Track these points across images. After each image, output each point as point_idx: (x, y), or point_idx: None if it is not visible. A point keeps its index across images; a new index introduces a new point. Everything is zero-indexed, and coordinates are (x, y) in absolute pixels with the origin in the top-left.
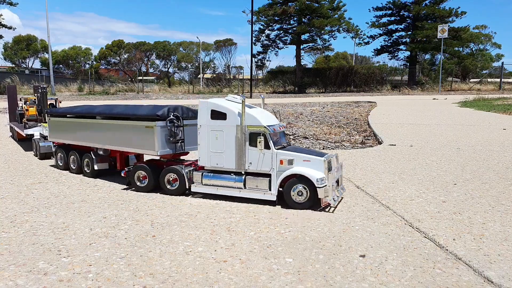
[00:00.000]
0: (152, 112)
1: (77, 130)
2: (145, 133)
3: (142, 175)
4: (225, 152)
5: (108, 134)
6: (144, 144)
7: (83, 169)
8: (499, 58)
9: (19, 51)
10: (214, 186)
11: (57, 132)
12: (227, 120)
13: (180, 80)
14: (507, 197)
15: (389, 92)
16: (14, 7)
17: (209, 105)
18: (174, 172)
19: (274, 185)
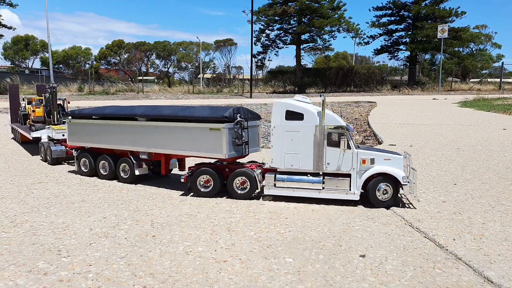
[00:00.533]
0: (219, 114)
1: (111, 133)
2: (210, 136)
3: (205, 179)
4: (301, 153)
5: (157, 137)
6: (209, 146)
7: (118, 175)
8: (500, 58)
9: (18, 51)
10: (288, 188)
11: (80, 135)
12: (304, 120)
13: (180, 80)
14: (507, 197)
15: (389, 92)
16: (14, 8)
17: (284, 106)
18: (244, 175)
19: (355, 185)
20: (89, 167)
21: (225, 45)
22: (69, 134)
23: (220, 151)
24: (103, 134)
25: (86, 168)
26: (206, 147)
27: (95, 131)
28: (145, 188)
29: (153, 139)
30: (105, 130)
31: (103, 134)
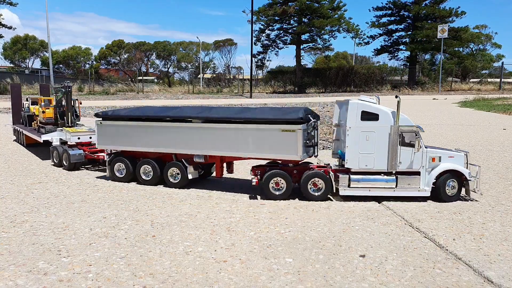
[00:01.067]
0: (293, 115)
1: (157, 136)
2: (282, 137)
3: (275, 182)
4: (375, 153)
5: (216, 139)
6: (280, 148)
7: (166, 180)
8: (500, 59)
9: (17, 51)
10: (363, 188)
11: (115, 138)
12: (379, 121)
13: (180, 80)
14: (507, 197)
15: (389, 92)
16: (14, 7)
17: (360, 106)
18: (319, 177)
19: (424, 182)
20: (125, 172)
21: (224, 45)
22: (99, 138)
23: (294, 153)
24: (146, 137)
25: (121, 174)
26: (277, 149)
27: (136, 134)
28: (145, 188)
29: (212, 142)
30: (150, 133)
31: (147, 137)
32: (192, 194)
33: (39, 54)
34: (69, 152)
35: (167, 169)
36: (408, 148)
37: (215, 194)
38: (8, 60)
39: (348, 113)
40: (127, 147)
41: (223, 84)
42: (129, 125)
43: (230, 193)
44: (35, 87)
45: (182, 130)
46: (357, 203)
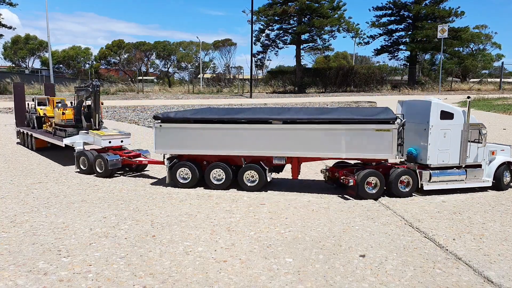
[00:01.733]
0: (389, 116)
1: (231, 138)
2: (375, 137)
3: (371, 181)
4: (450, 149)
5: (299, 141)
6: (373, 148)
7: (241, 183)
8: (500, 58)
9: (17, 50)
10: (441, 182)
11: (179, 142)
12: (454, 119)
13: (180, 80)
14: (507, 197)
15: (389, 92)
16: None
17: (440, 106)
18: (407, 174)
19: (485, 173)
20: (191, 177)
21: (224, 45)
22: (158, 141)
23: (388, 152)
24: (218, 140)
25: (185, 180)
26: (369, 148)
27: (205, 136)
28: (145, 188)
29: (294, 143)
30: (223, 135)
31: (219, 140)
32: (192, 194)
33: (39, 54)
34: (107, 158)
35: (243, 172)
36: (474, 144)
37: (215, 194)
38: (8, 60)
39: (431, 113)
40: (194, 151)
41: (223, 84)
42: (197, 127)
43: (230, 193)
44: (35, 87)
45: (262, 131)
46: (357, 203)
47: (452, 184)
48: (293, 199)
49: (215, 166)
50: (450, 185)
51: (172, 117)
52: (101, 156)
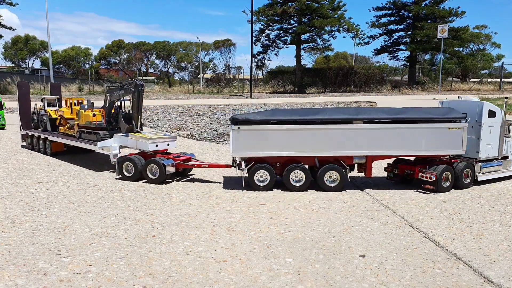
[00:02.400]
0: (459, 115)
1: (311, 139)
2: (448, 135)
3: (445, 175)
4: (493, 143)
5: (378, 139)
6: (445, 145)
7: (321, 184)
8: (500, 58)
9: (18, 51)
10: (487, 173)
11: (258, 144)
12: (496, 117)
13: (180, 80)
14: (507, 197)
15: (389, 92)
16: (13, 7)
17: (487, 106)
18: (469, 168)
19: None
20: (269, 179)
21: (224, 46)
22: (236, 144)
23: (459, 148)
24: (297, 141)
25: (263, 182)
26: (442, 145)
27: (284, 137)
28: (145, 188)
29: (374, 142)
30: (303, 136)
31: (298, 141)
32: (192, 194)
33: (39, 54)
34: (163, 163)
35: (324, 172)
36: (506, 138)
37: (215, 194)
38: (8, 60)
39: (483, 112)
40: (272, 153)
41: (223, 84)
42: (278, 129)
43: (230, 193)
44: (36, 87)
45: (344, 131)
46: (357, 203)
47: (496, 174)
48: (293, 199)
49: (294, 168)
50: (494, 175)
51: (251, 119)
52: (155, 161)
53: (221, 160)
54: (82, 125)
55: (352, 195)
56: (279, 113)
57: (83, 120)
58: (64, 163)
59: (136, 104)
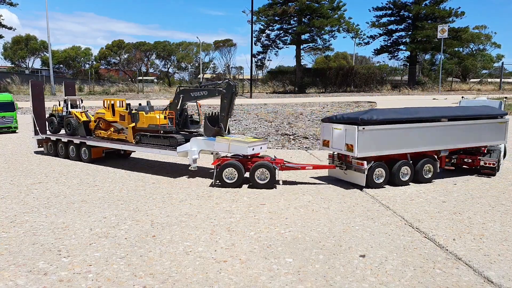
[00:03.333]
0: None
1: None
2: (497, 128)
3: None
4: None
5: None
6: (493, 137)
7: (420, 177)
8: (499, 59)
9: (18, 51)
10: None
11: (379, 143)
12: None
13: (180, 80)
14: (507, 197)
15: (389, 92)
16: (14, 7)
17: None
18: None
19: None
20: (385, 177)
21: (224, 46)
22: (361, 144)
23: (502, 139)
24: (406, 139)
25: (381, 179)
26: (491, 137)
27: (398, 136)
28: (145, 188)
29: (454, 137)
30: (411, 134)
31: (408, 138)
32: (192, 194)
33: (39, 54)
34: (275, 166)
35: (422, 166)
36: None
37: (215, 194)
38: (8, 60)
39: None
40: (389, 151)
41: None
42: (394, 128)
43: (230, 193)
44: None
45: (437, 128)
46: (357, 203)
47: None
48: (293, 199)
49: (402, 164)
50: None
51: (375, 119)
52: (266, 165)
53: None
54: (142, 129)
55: (352, 195)
56: (385, 113)
57: (144, 123)
58: (64, 163)
59: (228, 106)
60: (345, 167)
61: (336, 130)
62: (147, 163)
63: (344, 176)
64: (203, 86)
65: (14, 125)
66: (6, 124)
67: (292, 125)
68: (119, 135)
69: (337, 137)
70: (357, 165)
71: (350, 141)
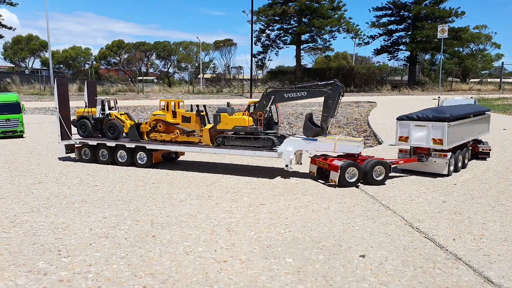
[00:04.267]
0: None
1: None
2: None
3: None
4: None
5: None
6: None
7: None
8: (499, 58)
9: (18, 51)
10: None
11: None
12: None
13: (180, 80)
14: (507, 197)
15: (389, 92)
16: (14, 7)
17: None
18: None
19: None
20: (454, 164)
21: (224, 46)
22: (448, 139)
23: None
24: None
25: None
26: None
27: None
28: (145, 188)
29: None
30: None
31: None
32: (192, 194)
33: (39, 54)
34: (389, 163)
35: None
36: None
37: (215, 194)
38: (8, 60)
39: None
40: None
41: (222, 84)
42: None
43: (230, 193)
44: (35, 87)
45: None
46: (357, 203)
47: None
48: (293, 199)
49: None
50: None
51: (455, 115)
52: (382, 163)
53: (221, 160)
54: (224, 130)
55: (352, 195)
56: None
57: (228, 125)
58: (64, 163)
59: (333, 106)
60: (425, 159)
61: (417, 127)
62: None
63: (423, 167)
64: (301, 87)
65: (20, 129)
66: (10, 128)
67: (292, 125)
68: (189, 137)
69: (419, 133)
70: (438, 156)
71: (438, 136)
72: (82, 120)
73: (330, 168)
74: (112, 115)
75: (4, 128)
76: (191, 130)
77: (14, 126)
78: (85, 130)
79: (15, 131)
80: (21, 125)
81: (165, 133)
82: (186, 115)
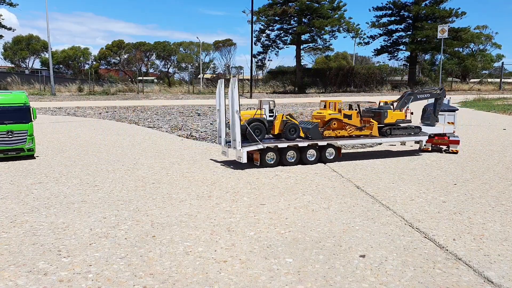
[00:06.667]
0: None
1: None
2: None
3: None
4: None
5: None
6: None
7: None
8: (500, 58)
9: (18, 51)
10: None
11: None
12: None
13: (180, 80)
14: (507, 197)
15: (389, 92)
16: (13, 7)
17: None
18: None
19: None
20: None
21: (224, 46)
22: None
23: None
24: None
25: None
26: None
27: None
28: (145, 188)
29: None
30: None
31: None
32: (192, 194)
33: (39, 54)
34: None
35: None
36: None
37: (215, 194)
38: (8, 61)
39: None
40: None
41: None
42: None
43: (230, 193)
44: (35, 87)
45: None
46: (357, 203)
47: None
48: (293, 199)
49: None
50: None
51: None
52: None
53: (221, 158)
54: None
55: (352, 195)
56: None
57: (392, 119)
58: (64, 163)
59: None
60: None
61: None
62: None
63: None
64: (424, 91)
65: (29, 147)
66: (13, 144)
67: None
68: (361, 131)
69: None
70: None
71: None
72: (255, 123)
73: (451, 143)
74: (282, 117)
75: (4, 146)
76: (363, 126)
77: (19, 142)
78: (259, 133)
79: (21, 149)
80: (30, 140)
81: (339, 130)
82: (348, 113)
